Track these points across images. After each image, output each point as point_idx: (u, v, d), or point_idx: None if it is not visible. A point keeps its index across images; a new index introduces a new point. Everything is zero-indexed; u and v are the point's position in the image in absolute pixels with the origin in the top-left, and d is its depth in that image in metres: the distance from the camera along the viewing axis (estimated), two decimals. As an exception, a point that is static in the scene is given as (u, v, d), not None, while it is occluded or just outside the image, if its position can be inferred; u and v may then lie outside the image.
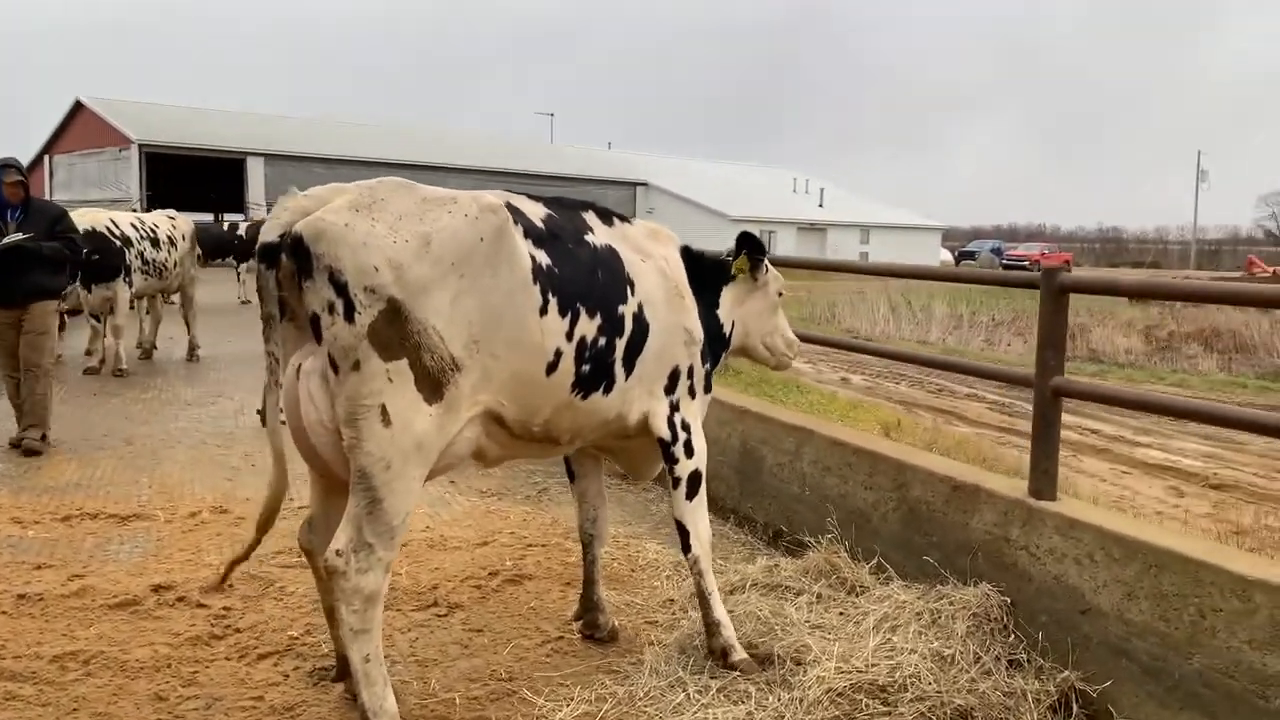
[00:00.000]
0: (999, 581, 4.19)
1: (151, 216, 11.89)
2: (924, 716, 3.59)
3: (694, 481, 4.04)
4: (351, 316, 3.00)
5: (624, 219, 4.11)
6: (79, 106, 43.94)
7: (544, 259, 3.45)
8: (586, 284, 3.61)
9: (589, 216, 3.90)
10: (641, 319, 3.83)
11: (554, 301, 3.44)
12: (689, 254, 4.30)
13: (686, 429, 4.04)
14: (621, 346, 3.75)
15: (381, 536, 3.10)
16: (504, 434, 3.52)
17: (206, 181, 42.34)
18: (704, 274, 4.33)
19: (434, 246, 3.11)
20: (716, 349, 4.37)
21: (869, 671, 3.76)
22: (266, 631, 4.35)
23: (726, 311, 4.43)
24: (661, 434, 4.00)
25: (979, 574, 4.29)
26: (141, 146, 38.57)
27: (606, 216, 4.00)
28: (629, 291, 3.79)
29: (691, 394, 4.11)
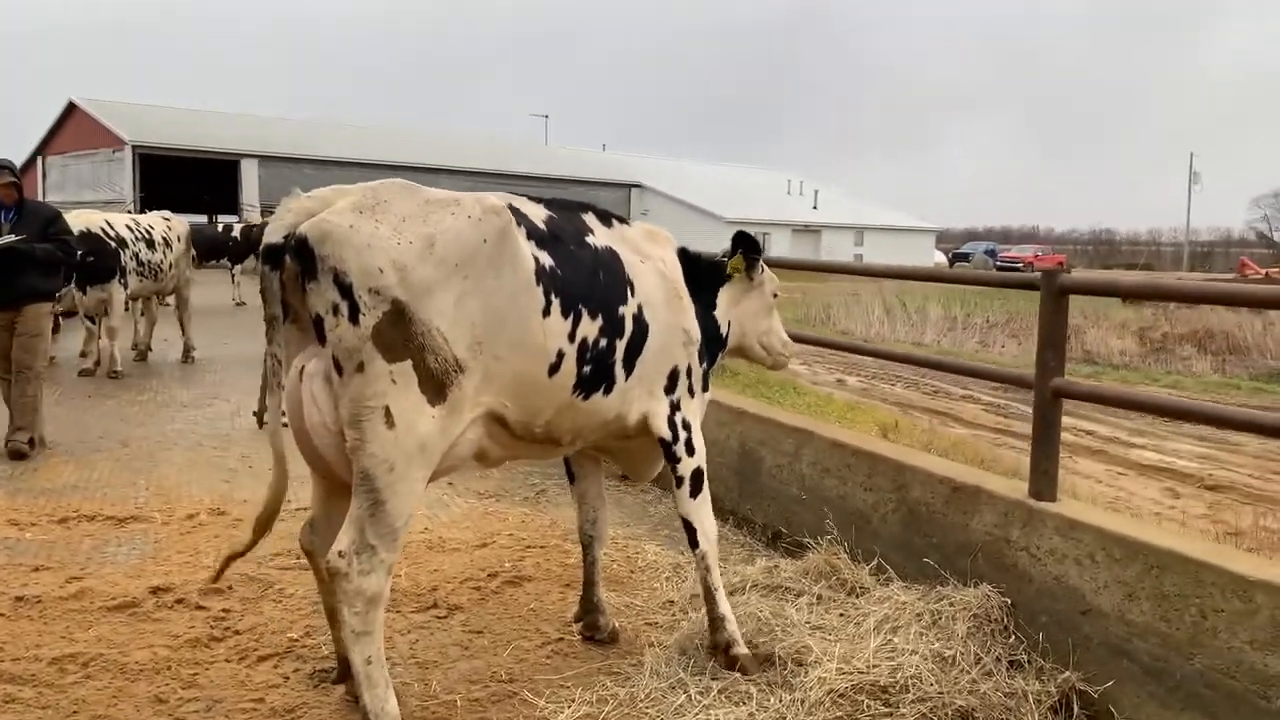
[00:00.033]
0: (999, 582, 4.20)
1: (147, 218, 11.85)
2: (925, 717, 3.59)
3: (697, 479, 4.06)
4: (356, 318, 3.00)
5: (622, 220, 4.12)
6: (72, 108, 43.78)
7: (547, 260, 3.45)
8: (588, 285, 3.61)
9: (589, 218, 3.91)
10: (641, 320, 3.84)
11: (556, 303, 3.44)
12: (686, 255, 4.32)
13: (687, 428, 4.06)
14: (622, 348, 3.76)
15: (384, 538, 3.09)
16: (506, 435, 3.52)
17: (200, 183, 42.21)
18: (701, 275, 4.35)
19: (438, 248, 3.10)
20: (714, 349, 4.39)
21: (870, 672, 3.77)
22: (266, 633, 4.34)
23: (723, 312, 4.45)
24: (663, 434, 4.01)
25: (979, 575, 4.29)
26: (135, 148, 38.44)
27: (605, 218, 4.01)
28: (629, 293, 3.80)
29: (690, 393, 4.12)
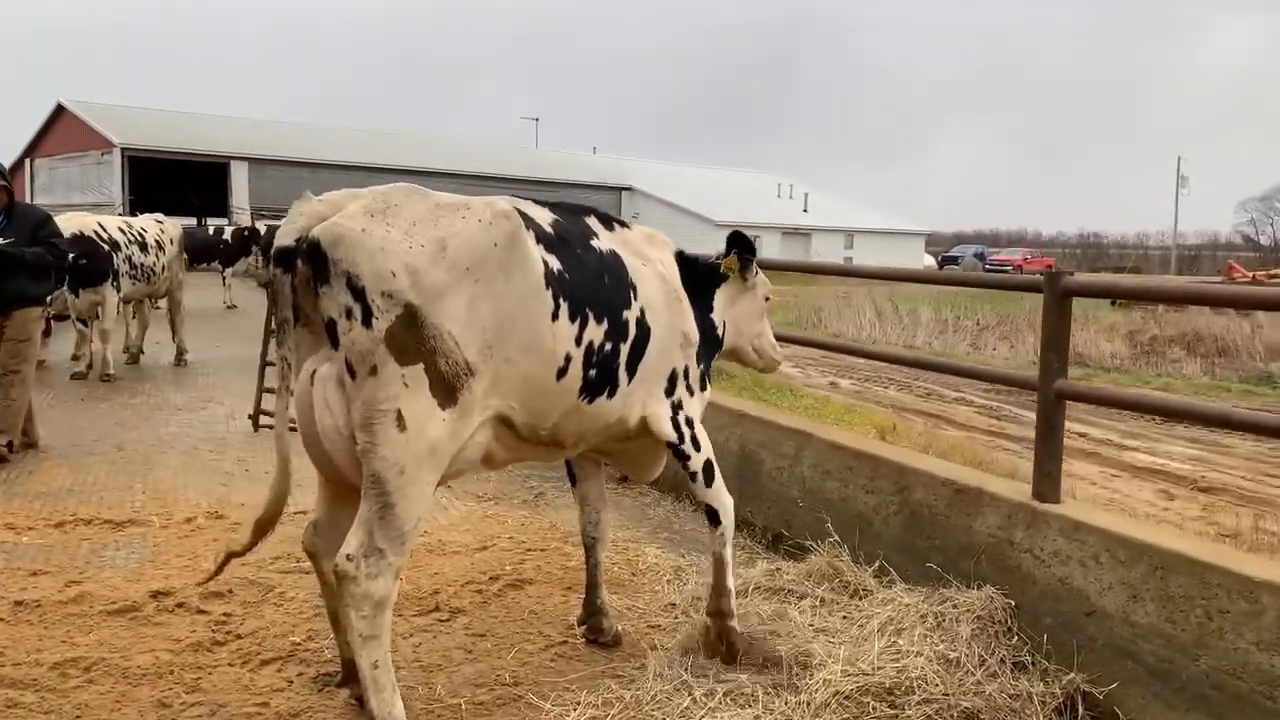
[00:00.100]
0: (1003, 584, 4.21)
1: (139, 221, 11.81)
2: (931, 719, 3.60)
3: (708, 470, 4.10)
4: (369, 322, 2.99)
5: (623, 224, 4.13)
6: (60, 110, 43.59)
7: (555, 264, 3.45)
8: (594, 289, 3.61)
9: (592, 221, 3.92)
10: (643, 323, 3.84)
11: (564, 307, 3.44)
12: (683, 258, 4.34)
13: (690, 425, 4.09)
14: (625, 351, 3.76)
15: (393, 541, 3.08)
16: (512, 438, 3.52)
17: (189, 186, 42.02)
18: (698, 278, 4.37)
19: (449, 252, 3.10)
20: (711, 350, 4.40)
21: (875, 674, 3.78)
22: (268, 637, 4.32)
23: (719, 313, 4.47)
24: (668, 437, 4.02)
25: (982, 577, 4.30)
26: (124, 150, 38.28)
27: (608, 221, 4.03)
28: (632, 296, 3.81)
29: (690, 392, 4.14)
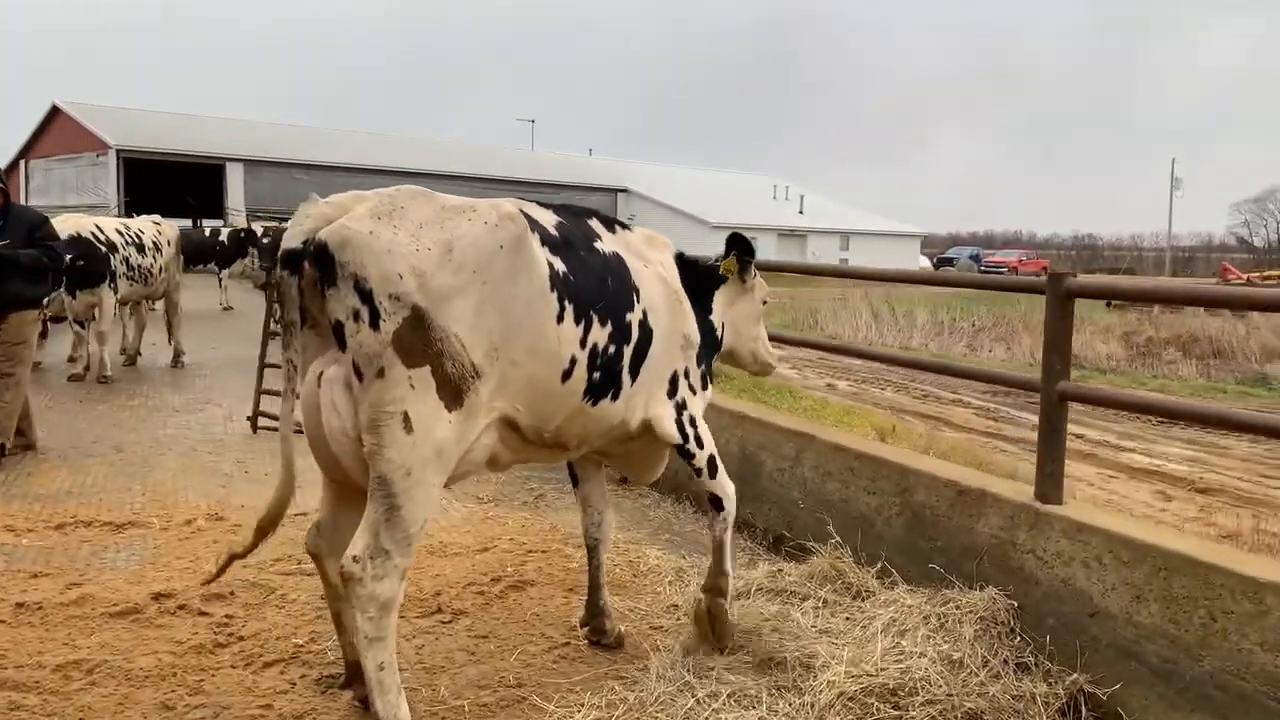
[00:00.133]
0: (1005, 585, 4.22)
1: (137, 222, 11.79)
2: (934, 720, 3.60)
3: (712, 464, 4.15)
4: (376, 324, 2.99)
5: (625, 226, 4.14)
6: (56, 111, 43.47)
7: (560, 267, 3.45)
8: (598, 291, 3.62)
9: (594, 224, 3.93)
10: (646, 326, 3.85)
11: (570, 309, 3.44)
12: (682, 260, 4.36)
13: (693, 424, 4.12)
14: (629, 353, 3.77)
15: (399, 543, 3.08)
16: (517, 440, 3.52)
17: (185, 187, 41.91)
18: (698, 280, 4.39)
19: (456, 254, 3.10)
20: (710, 352, 4.42)
21: (879, 675, 3.78)
22: (270, 639, 4.32)
23: (718, 315, 4.49)
24: (673, 439, 4.05)
25: (985, 578, 4.31)
26: (119, 152, 38.17)
27: (609, 224, 4.04)
28: (635, 299, 3.81)
29: (692, 391, 4.17)
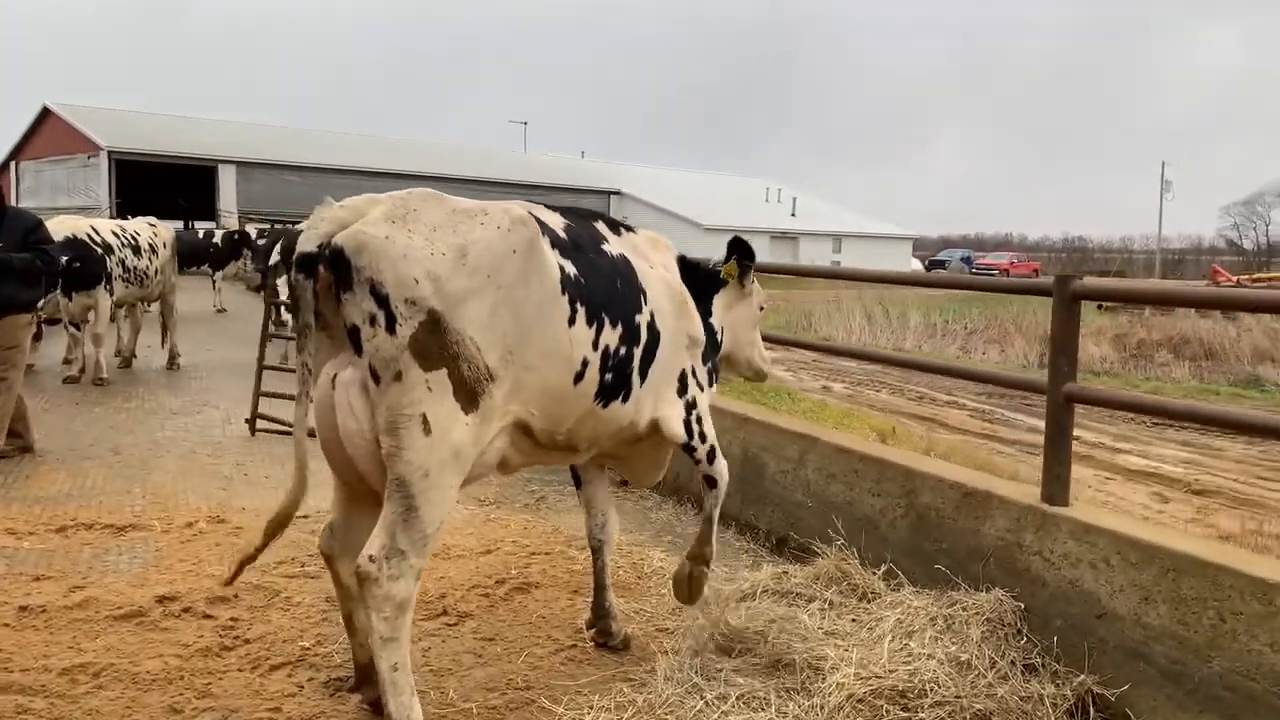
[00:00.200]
0: (1012, 587, 4.23)
1: (132, 224, 11.77)
2: (943, 722, 3.61)
3: (711, 452, 4.24)
4: (393, 328, 2.99)
5: (629, 229, 4.15)
6: (47, 112, 43.33)
7: (571, 270, 3.46)
8: (608, 294, 3.63)
9: (601, 226, 3.95)
10: (654, 327, 3.86)
11: (581, 312, 3.45)
12: (684, 263, 4.39)
13: (700, 422, 4.17)
14: (638, 355, 3.78)
15: (415, 544, 3.09)
16: (529, 443, 3.53)
17: (177, 189, 41.83)
18: (698, 282, 4.41)
19: (470, 258, 3.11)
20: (710, 354, 4.41)
21: (888, 677, 3.77)
22: (276, 642, 4.31)
23: (717, 318, 4.50)
24: (679, 438, 4.10)
25: (991, 579, 4.32)
26: (111, 153, 38.07)
27: (615, 226, 4.06)
28: (642, 300, 3.82)
29: (700, 389, 4.22)
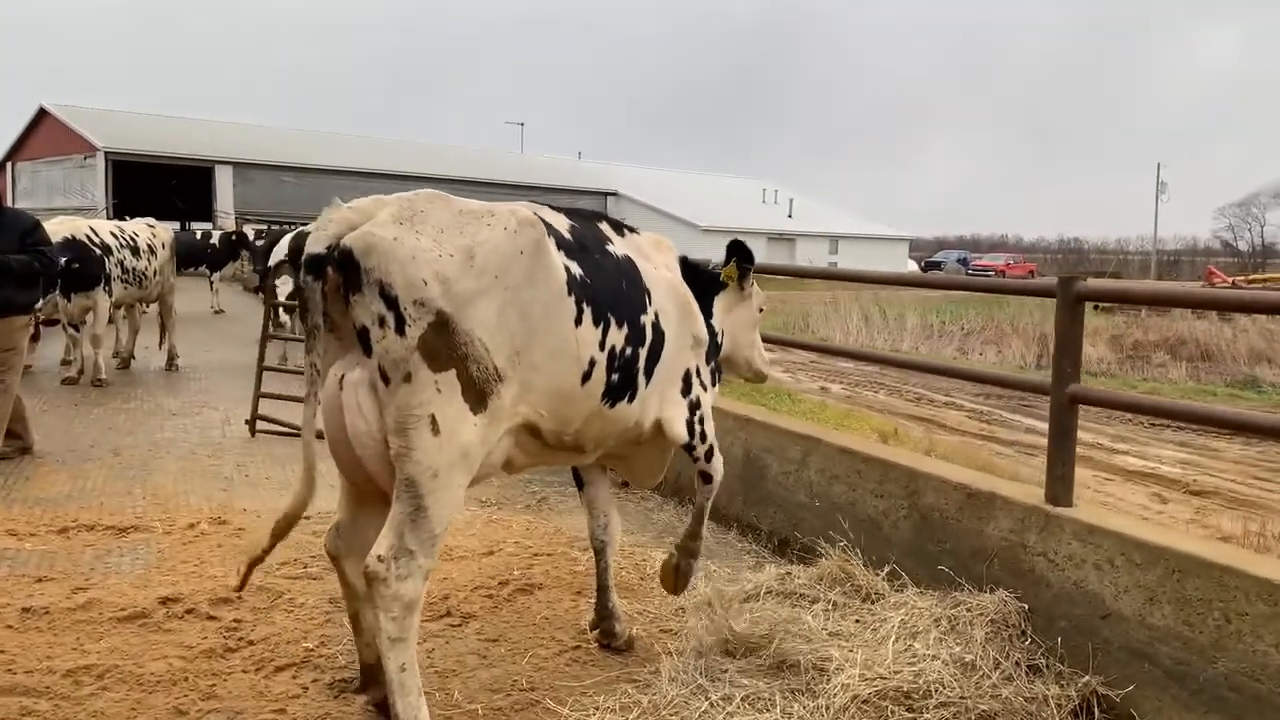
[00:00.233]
0: (1016, 588, 4.23)
1: (131, 225, 11.75)
2: (948, 723, 3.61)
3: (710, 451, 4.28)
4: (402, 329, 3.00)
5: (632, 230, 4.16)
6: (43, 113, 43.24)
7: (577, 270, 3.46)
8: (613, 294, 3.63)
9: (605, 227, 3.96)
10: (659, 328, 3.88)
11: (588, 312, 3.46)
12: (686, 264, 4.40)
13: (703, 422, 4.20)
14: (644, 355, 3.79)
15: (424, 544, 3.09)
16: (536, 444, 3.53)
17: (174, 190, 41.78)
18: (699, 284, 4.41)
19: (478, 260, 3.11)
20: (712, 356, 4.42)
21: (893, 678, 3.78)
22: (280, 643, 4.30)
23: (717, 321, 4.51)
24: (681, 439, 4.12)
25: (995, 580, 4.33)
26: (107, 154, 38.01)
27: (619, 227, 4.08)
28: (647, 301, 3.83)
29: (704, 389, 4.24)
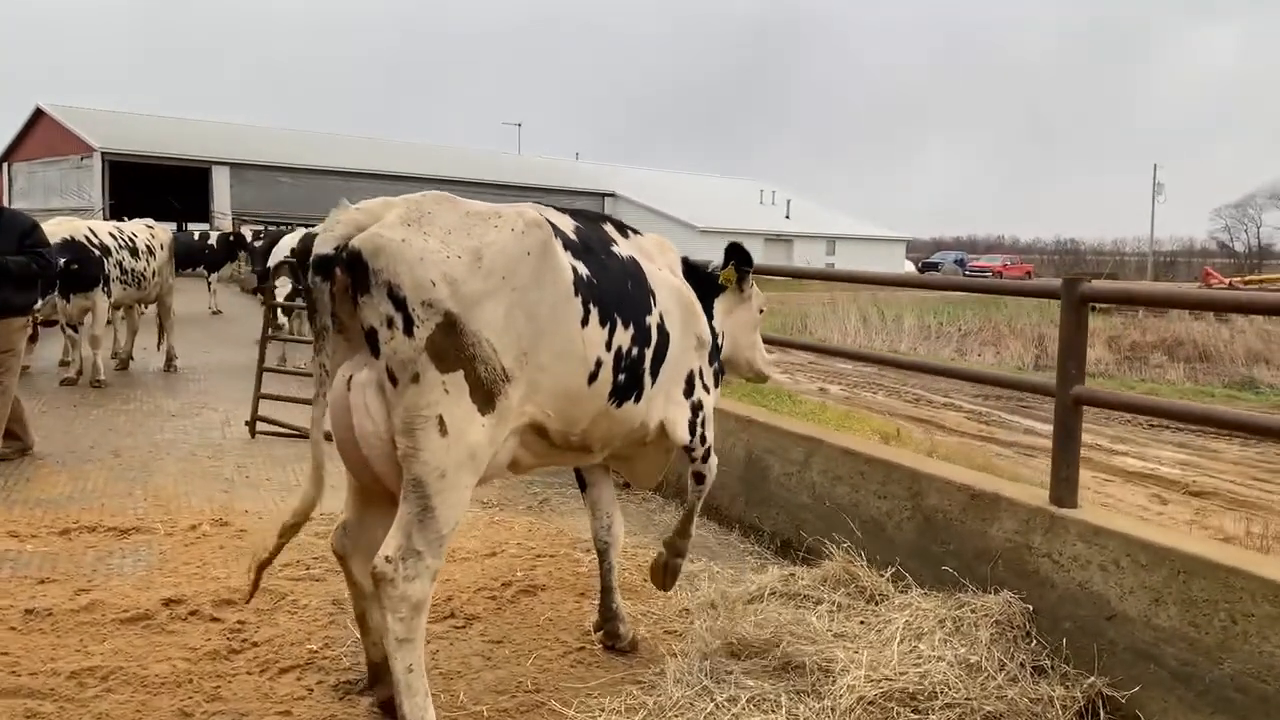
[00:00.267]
0: (1020, 589, 4.24)
1: (130, 226, 11.74)
2: (953, 724, 3.61)
3: (707, 453, 4.32)
4: (410, 330, 3.00)
5: (636, 231, 4.17)
6: (39, 114, 43.18)
7: (583, 271, 3.47)
8: (620, 295, 3.64)
9: (609, 228, 3.98)
10: (663, 328, 3.89)
11: (594, 312, 3.46)
12: (687, 265, 4.41)
13: (704, 424, 4.22)
14: (649, 355, 3.80)
15: (431, 544, 3.08)
16: (542, 444, 3.54)
17: (170, 190, 41.72)
18: (700, 285, 4.42)
19: (485, 261, 3.12)
20: (714, 357, 4.43)
21: (899, 680, 3.78)
22: (284, 645, 4.29)
23: (718, 323, 4.52)
24: (683, 440, 4.14)
25: (999, 581, 4.33)
26: (104, 154, 37.96)
27: (622, 229, 4.09)
28: (652, 302, 3.84)
29: (706, 390, 4.25)
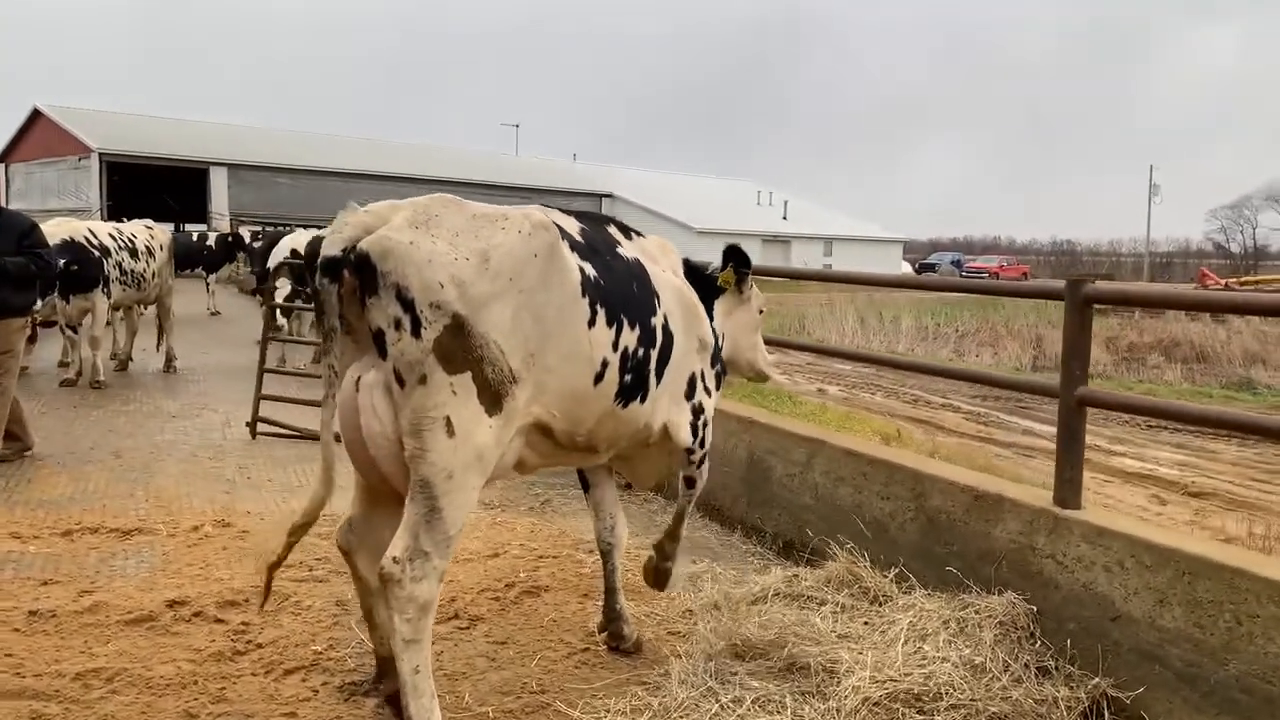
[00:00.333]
0: (1024, 590, 4.24)
1: (129, 227, 11.73)
2: (958, 725, 3.61)
3: (704, 456, 4.35)
4: (418, 332, 3.01)
5: (639, 233, 4.19)
6: (37, 114, 43.10)
7: (590, 272, 3.48)
8: (625, 296, 3.65)
9: (613, 230, 4.00)
10: (668, 329, 3.90)
11: (601, 314, 3.47)
12: (688, 266, 4.43)
13: (704, 427, 4.24)
14: (654, 356, 3.81)
15: (439, 545, 3.09)
16: (548, 444, 3.54)
17: (168, 191, 41.65)
18: (701, 287, 4.44)
19: (493, 263, 3.12)
20: (715, 359, 4.44)
21: (903, 680, 3.78)
22: (289, 646, 4.29)
23: (718, 324, 4.54)
24: (685, 443, 4.16)
25: (1003, 582, 4.33)
26: (102, 155, 37.90)
27: (625, 230, 4.11)
28: (656, 303, 3.85)
29: (708, 393, 4.27)
